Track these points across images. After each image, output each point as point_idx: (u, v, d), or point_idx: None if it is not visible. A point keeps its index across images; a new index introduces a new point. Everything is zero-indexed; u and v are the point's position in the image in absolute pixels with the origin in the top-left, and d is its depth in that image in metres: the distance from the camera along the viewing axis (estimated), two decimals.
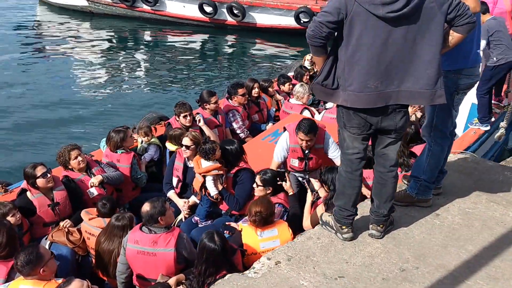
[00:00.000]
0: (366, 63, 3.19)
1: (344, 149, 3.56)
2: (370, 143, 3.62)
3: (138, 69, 14.13)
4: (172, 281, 3.79)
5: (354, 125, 3.41)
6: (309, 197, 4.79)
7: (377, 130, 3.44)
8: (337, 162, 4.82)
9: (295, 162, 5.35)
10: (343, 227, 3.67)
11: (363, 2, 3.09)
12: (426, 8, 3.10)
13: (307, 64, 8.76)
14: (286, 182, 4.81)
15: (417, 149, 5.92)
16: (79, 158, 5.10)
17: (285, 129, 5.44)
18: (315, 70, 8.62)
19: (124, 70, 14.04)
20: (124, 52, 15.63)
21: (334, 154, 5.24)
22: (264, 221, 4.12)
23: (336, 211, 3.70)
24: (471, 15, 3.22)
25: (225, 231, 4.41)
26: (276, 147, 5.44)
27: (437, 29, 3.17)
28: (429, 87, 3.24)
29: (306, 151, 5.29)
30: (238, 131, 6.86)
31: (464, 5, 3.19)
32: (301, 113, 6.72)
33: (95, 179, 5.12)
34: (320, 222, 3.91)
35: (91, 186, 5.11)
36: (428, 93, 3.26)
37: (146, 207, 4.06)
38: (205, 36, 16.94)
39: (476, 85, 6.75)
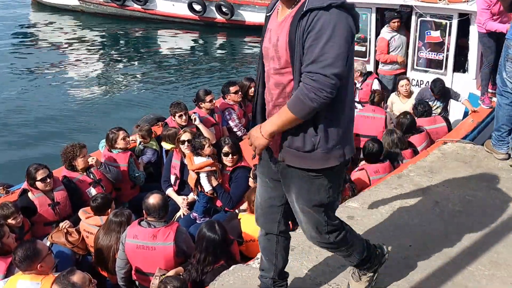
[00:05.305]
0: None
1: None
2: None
3: (130, 68, 14.03)
4: (171, 273, 3.79)
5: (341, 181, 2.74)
6: None
7: None
8: None
9: None
10: None
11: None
12: None
13: None
14: None
15: (414, 139, 5.93)
16: (86, 158, 5.18)
17: None
18: None
19: (116, 69, 13.93)
20: (115, 51, 15.53)
21: None
22: None
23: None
24: None
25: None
26: None
27: None
28: None
29: None
30: (235, 129, 6.84)
31: None
32: None
33: (93, 159, 5.22)
34: None
35: (90, 163, 5.19)
36: None
37: (156, 199, 4.02)
38: (196, 35, 16.90)
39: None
